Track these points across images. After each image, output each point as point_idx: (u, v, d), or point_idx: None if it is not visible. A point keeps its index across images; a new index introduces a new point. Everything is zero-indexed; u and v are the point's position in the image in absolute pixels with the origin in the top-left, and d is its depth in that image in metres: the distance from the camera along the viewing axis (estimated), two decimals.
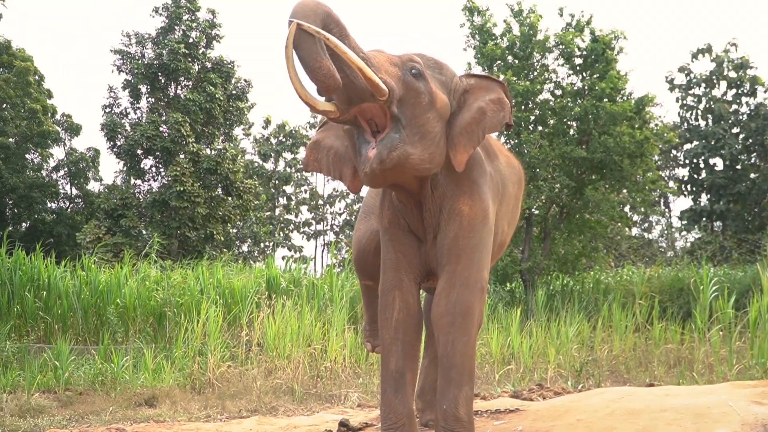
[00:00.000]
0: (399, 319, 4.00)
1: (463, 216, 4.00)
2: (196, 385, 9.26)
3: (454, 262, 4.01)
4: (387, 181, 3.78)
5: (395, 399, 3.99)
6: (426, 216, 4.03)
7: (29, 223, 30.06)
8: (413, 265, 4.05)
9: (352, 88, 3.54)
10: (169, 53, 26.41)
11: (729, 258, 26.55)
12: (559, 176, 18.99)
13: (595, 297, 17.58)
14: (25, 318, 12.11)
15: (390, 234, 4.09)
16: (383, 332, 4.06)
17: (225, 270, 14.94)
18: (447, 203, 4.01)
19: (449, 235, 4.01)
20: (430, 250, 4.07)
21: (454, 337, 3.96)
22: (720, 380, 8.13)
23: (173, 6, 27.04)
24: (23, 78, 29.77)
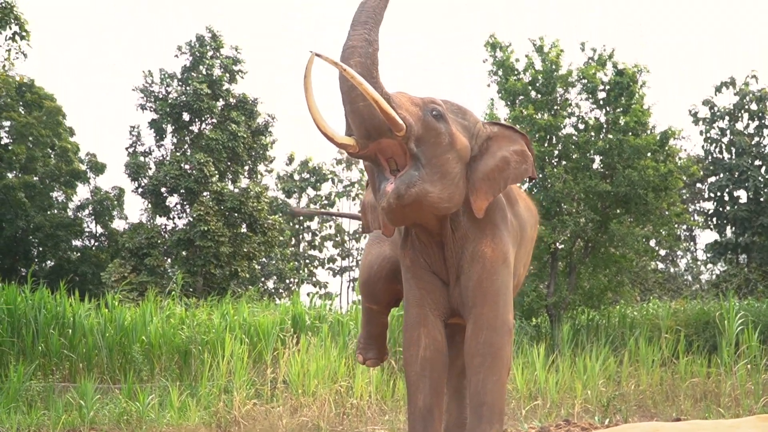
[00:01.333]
0: (426, 357, 4.00)
1: (486, 259, 4.03)
2: (222, 423, 9.26)
3: (480, 304, 4.03)
4: (406, 218, 3.79)
5: None
6: (448, 256, 4.06)
7: (54, 262, 30.24)
8: (438, 302, 4.06)
9: (371, 122, 3.58)
10: (192, 93, 26.52)
11: (754, 290, 26.40)
12: (584, 210, 18.93)
13: (621, 331, 17.49)
14: (49, 357, 12.13)
15: (412, 272, 4.10)
16: (409, 368, 4.04)
17: (250, 307, 14.96)
18: (469, 245, 4.03)
19: (473, 278, 4.03)
20: (453, 290, 4.07)
21: (484, 377, 3.99)
22: (746, 413, 8.09)
23: (197, 44, 27.29)
24: (53, 118, 30.04)
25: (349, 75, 3.51)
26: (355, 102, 3.58)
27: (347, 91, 3.60)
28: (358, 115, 3.59)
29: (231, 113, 27.26)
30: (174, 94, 27.14)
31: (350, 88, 3.57)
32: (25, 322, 12.27)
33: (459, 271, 4.01)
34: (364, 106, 3.56)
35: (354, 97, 3.57)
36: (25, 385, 10.51)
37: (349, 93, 3.59)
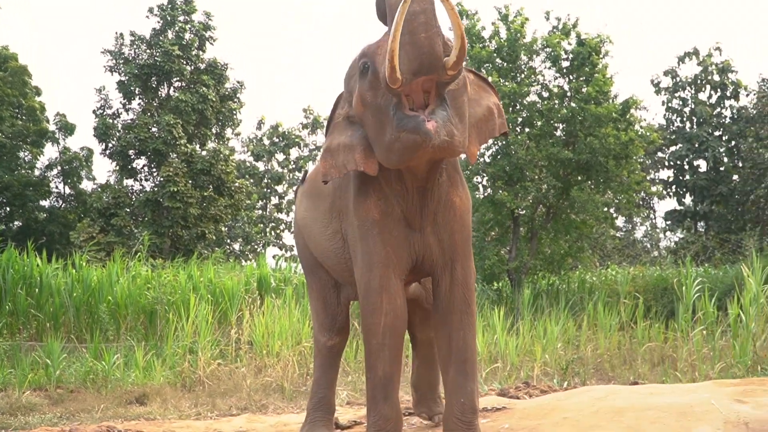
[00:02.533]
0: (387, 324, 3.92)
1: (456, 208, 3.97)
2: (187, 383, 9.23)
3: (455, 260, 3.99)
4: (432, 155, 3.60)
5: (385, 405, 3.95)
6: (428, 202, 3.92)
7: (22, 222, 29.97)
8: (401, 259, 3.95)
9: (430, 56, 3.37)
10: (163, 54, 26.36)
11: (711, 258, 26.65)
12: (546, 177, 19.03)
13: (581, 296, 17.61)
14: (17, 315, 12.05)
15: (380, 227, 3.91)
16: (371, 337, 3.96)
17: (216, 268, 14.91)
18: (443, 193, 3.94)
19: (448, 228, 3.97)
20: (425, 237, 3.96)
21: (464, 334, 3.99)
22: (702, 378, 8.14)
23: (168, 7, 27.06)
24: (19, 77, 29.79)
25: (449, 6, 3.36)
26: (416, 32, 3.32)
27: (412, 17, 3.31)
28: (418, 46, 3.33)
29: (201, 77, 27.12)
30: (144, 57, 26.86)
31: (415, 15, 3.30)
32: None
33: (433, 219, 3.92)
34: (426, 37, 3.33)
35: (416, 26, 3.32)
36: None
37: (414, 20, 3.31)
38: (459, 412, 3.89)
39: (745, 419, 4.13)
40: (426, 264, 4.00)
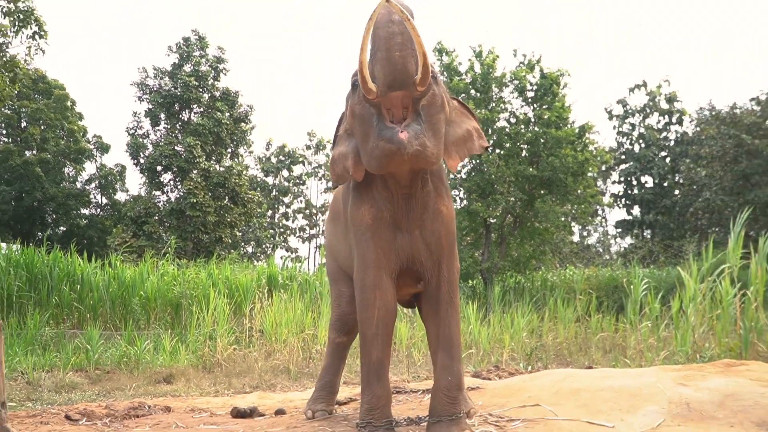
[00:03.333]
0: (379, 317, 3.93)
1: (442, 216, 3.96)
2: (207, 365, 9.23)
3: (442, 261, 3.98)
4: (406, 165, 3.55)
5: (377, 386, 3.96)
6: (413, 207, 3.89)
7: (65, 227, 29.97)
8: (391, 262, 3.94)
9: (402, 72, 3.39)
10: (182, 86, 26.58)
11: (656, 261, 26.74)
12: (514, 191, 19.10)
13: (543, 293, 17.63)
14: (61, 308, 12.04)
15: (372, 231, 3.88)
16: (365, 328, 3.96)
17: (232, 267, 14.93)
18: (431, 202, 3.93)
19: (436, 234, 3.94)
20: (412, 241, 3.93)
21: (449, 323, 3.98)
22: (649, 364, 8.15)
23: (184, 45, 27.26)
24: (61, 103, 29.86)
25: (411, 26, 3.35)
26: (391, 50, 3.34)
27: (387, 37, 3.35)
28: (392, 63, 3.35)
29: (216, 103, 27.25)
30: (166, 88, 27.00)
31: (390, 35, 3.34)
32: (41, 279, 12.19)
33: (421, 224, 3.92)
34: (399, 56, 3.35)
35: (392, 45, 3.34)
36: (41, 331, 10.44)
37: (388, 40, 3.34)
38: (446, 389, 3.91)
39: (686, 400, 4.14)
40: (416, 264, 3.97)
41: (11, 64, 9.04)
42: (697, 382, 4.50)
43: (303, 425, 4.55)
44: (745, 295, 7.78)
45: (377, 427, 3.89)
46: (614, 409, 4.14)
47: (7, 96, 9.03)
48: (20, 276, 12.05)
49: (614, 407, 4.16)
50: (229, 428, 4.59)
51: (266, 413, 5.18)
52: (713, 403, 4.07)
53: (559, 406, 4.28)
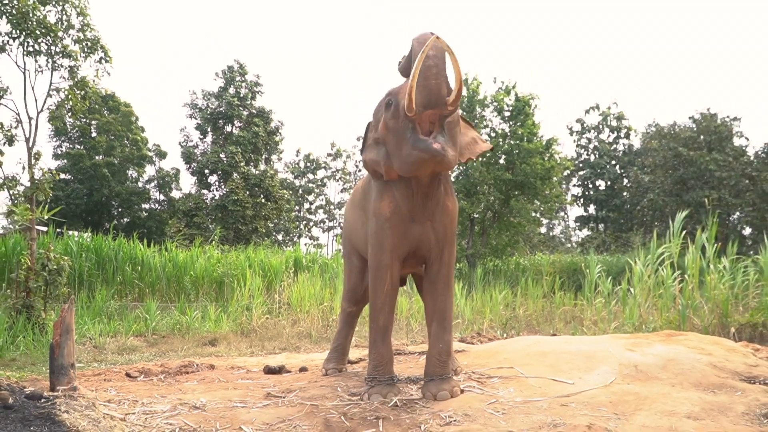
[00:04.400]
0: (388, 291, 3.93)
1: (449, 211, 3.98)
2: (245, 331, 9.20)
3: (444, 249, 4.00)
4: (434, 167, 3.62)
5: (382, 346, 3.95)
6: (429, 204, 3.89)
7: (129, 219, 30.02)
8: (403, 248, 3.93)
9: (437, 96, 3.44)
10: (226, 104, 26.74)
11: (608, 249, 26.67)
12: (493, 191, 19.05)
13: (516, 274, 17.60)
14: (124, 284, 12.02)
15: (390, 222, 3.88)
16: (375, 298, 3.95)
17: (265, 252, 14.90)
18: (441, 199, 3.93)
19: (442, 226, 3.96)
20: (424, 230, 3.94)
21: (445, 299, 3.99)
22: (602, 333, 8.12)
23: (228, 72, 27.35)
24: (127, 118, 30.04)
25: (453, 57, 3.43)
26: (429, 78, 3.39)
27: (427, 68, 3.40)
28: (429, 88, 3.39)
29: (253, 119, 27.37)
30: (212, 106, 27.13)
31: (429, 67, 3.39)
32: (107, 260, 12.16)
33: (432, 217, 3.91)
34: (435, 83, 3.40)
35: (429, 75, 3.39)
36: (107, 304, 10.39)
37: (428, 71, 3.40)
38: (437, 354, 3.89)
39: (634, 363, 4.12)
40: (423, 249, 3.99)
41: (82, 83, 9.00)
42: (643, 348, 4.47)
43: (321, 379, 4.53)
44: (684, 278, 7.76)
45: (381, 381, 3.87)
46: (574, 369, 4.12)
47: (79, 110, 8.98)
48: (90, 259, 12.04)
49: (574, 367, 4.14)
50: (262, 382, 4.57)
51: (292, 370, 5.16)
52: (657, 366, 4.05)
53: (529, 366, 4.26)
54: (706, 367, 4.01)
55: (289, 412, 3.53)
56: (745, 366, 4.11)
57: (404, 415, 3.43)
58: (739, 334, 6.33)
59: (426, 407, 3.55)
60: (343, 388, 4.14)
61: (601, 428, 3.03)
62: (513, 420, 3.25)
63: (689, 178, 22.90)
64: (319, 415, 3.47)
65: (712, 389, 3.70)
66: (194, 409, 3.61)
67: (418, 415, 3.41)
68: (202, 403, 3.73)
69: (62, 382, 3.54)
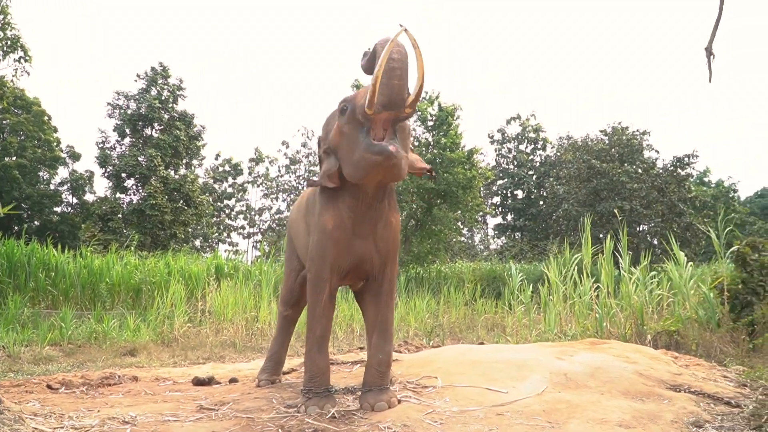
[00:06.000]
0: (325, 302, 3.87)
1: (392, 226, 3.93)
2: (165, 340, 8.92)
3: (388, 264, 3.96)
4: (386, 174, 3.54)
5: (319, 357, 3.89)
6: (372, 217, 3.84)
7: (40, 222, 28.77)
8: (344, 264, 3.87)
9: (398, 96, 3.37)
10: (147, 107, 26.08)
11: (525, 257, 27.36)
12: (416, 200, 19.25)
13: (438, 282, 17.80)
14: (37, 291, 11.50)
15: (333, 235, 3.80)
16: (314, 309, 3.89)
17: (185, 259, 14.55)
18: (384, 214, 3.88)
19: (385, 241, 3.91)
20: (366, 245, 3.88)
21: (387, 312, 3.97)
22: (524, 341, 8.27)
23: (150, 74, 26.56)
24: (38, 117, 28.82)
25: (419, 53, 3.33)
26: (392, 78, 3.31)
27: (391, 68, 3.31)
28: (391, 87, 3.31)
29: (175, 122, 26.80)
30: (133, 107, 26.35)
31: (393, 68, 3.31)
32: (19, 266, 11.62)
33: (375, 232, 3.86)
34: (397, 83, 3.33)
35: (393, 75, 3.31)
36: (19, 311, 9.87)
37: (392, 70, 3.31)
38: (377, 364, 3.86)
39: (564, 371, 4.21)
40: (365, 265, 3.93)
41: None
42: (570, 356, 4.58)
43: (255, 391, 4.43)
44: (598, 287, 7.99)
45: (318, 393, 3.81)
46: (506, 377, 4.18)
47: None
48: (1, 264, 11.46)
49: (506, 376, 4.20)
50: (192, 394, 4.44)
51: (222, 381, 5.03)
52: (586, 374, 4.15)
53: (462, 375, 4.29)
54: (632, 375, 4.15)
55: (224, 425, 3.44)
56: (670, 374, 4.27)
57: (343, 426, 3.40)
58: (655, 342, 6.58)
59: (364, 418, 3.53)
60: (279, 399, 4.06)
61: None
62: (451, 430, 3.27)
63: (602, 189, 23.77)
64: (256, 428, 3.39)
65: (641, 397, 3.82)
66: (124, 423, 3.46)
67: (357, 427, 3.38)
68: (131, 417, 3.58)
69: None
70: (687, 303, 7.29)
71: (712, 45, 4.01)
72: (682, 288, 7.48)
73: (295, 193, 40.05)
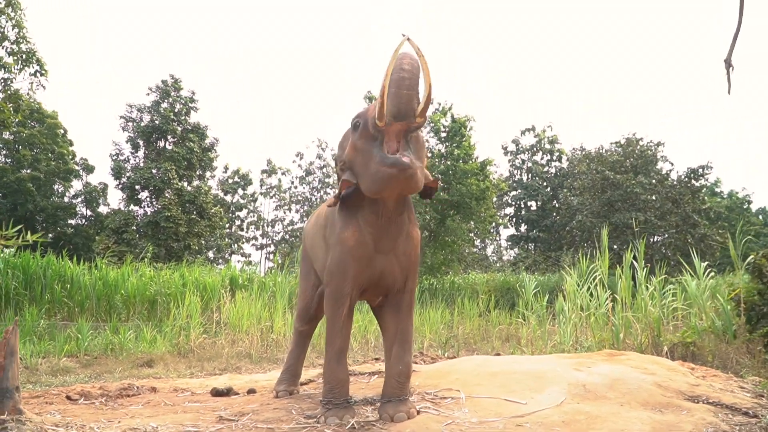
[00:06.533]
0: (345, 317, 3.89)
1: (413, 239, 3.94)
2: (182, 351, 8.98)
3: (408, 277, 3.97)
4: (402, 186, 3.52)
5: (338, 368, 3.91)
6: (392, 231, 3.85)
7: (54, 235, 29.00)
8: (365, 279, 3.89)
9: (407, 107, 3.37)
10: (161, 119, 26.20)
11: (539, 268, 27.28)
12: (429, 211, 19.26)
13: (452, 293, 17.79)
14: (53, 303, 11.60)
15: (354, 251, 3.82)
16: (333, 323, 3.89)
17: (200, 270, 14.64)
18: (405, 227, 3.90)
19: (406, 255, 3.92)
20: (387, 260, 3.89)
21: (406, 324, 3.98)
22: (539, 352, 8.24)
23: (162, 86, 26.82)
24: (52, 131, 29.13)
25: (424, 63, 3.35)
26: (401, 88, 3.32)
27: (399, 79, 3.33)
28: (400, 98, 3.32)
29: (188, 135, 26.92)
30: (146, 120, 26.55)
31: (401, 78, 3.32)
32: (35, 278, 11.72)
33: (395, 246, 3.86)
34: (407, 93, 3.33)
35: (401, 85, 3.32)
36: (36, 323, 9.97)
37: (401, 81, 3.33)
38: (397, 375, 3.88)
39: (582, 382, 4.21)
40: (387, 279, 3.95)
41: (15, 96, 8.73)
42: (588, 368, 4.58)
43: (273, 402, 4.46)
44: (615, 298, 7.98)
45: (337, 404, 3.84)
46: (525, 389, 4.19)
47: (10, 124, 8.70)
48: (17, 276, 11.57)
49: (525, 387, 4.21)
50: (211, 405, 4.48)
51: (240, 392, 5.07)
52: (604, 386, 4.15)
53: (481, 386, 4.30)
54: (651, 386, 4.15)
55: None
56: (688, 385, 4.27)
57: None
58: (672, 353, 6.56)
59: (384, 429, 3.55)
60: (298, 410, 4.09)
61: None
62: None
63: (616, 200, 23.71)
64: None
65: (659, 408, 3.82)
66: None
67: None
68: (153, 428, 3.62)
69: (7, 406, 3.42)
70: (703, 314, 7.27)
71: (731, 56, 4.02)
72: (698, 299, 7.46)
73: (308, 204, 40.15)
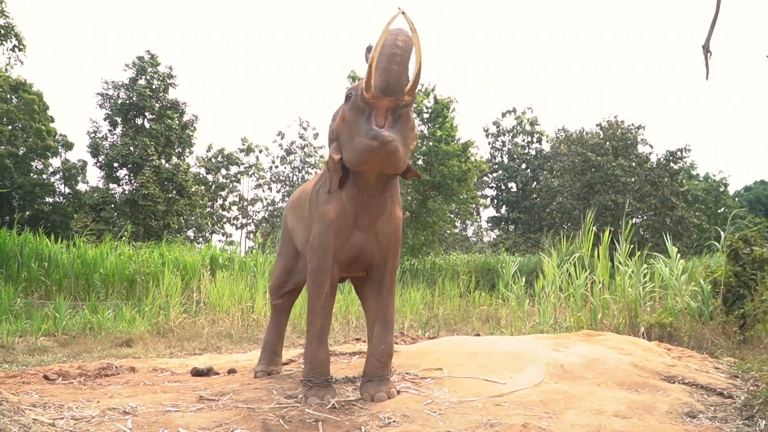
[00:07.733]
0: (327, 293, 3.89)
1: (394, 220, 3.94)
2: (161, 331, 8.95)
3: (389, 257, 3.98)
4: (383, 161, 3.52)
5: (319, 348, 3.92)
6: (373, 208, 3.84)
7: (31, 212, 28.68)
8: (345, 255, 3.90)
9: (396, 81, 3.36)
10: (138, 95, 25.85)
11: (518, 249, 27.46)
12: (411, 192, 19.28)
13: (433, 273, 17.87)
14: (30, 281, 11.49)
15: (335, 226, 3.81)
16: (315, 301, 3.90)
17: (180, 250, 14.56)
18: (387, 206, 3.89)
19: (387, 234, 3.92)
20: (367, 238, 3.89)
21: (387, 304, 3.98)
22: (519, 333, 8.31)
23: (139, 62, 26.40)
24: (30, 107, 28.64)
25: (417, 39, 3.34)
26: (392, 62, 3.31)
27: (391, 54, 3.32)
28: (390, 72, 3.31)
29: (167, 111, 26.62)
30: (123, 97, 26.20)
31: (393, 54, 3.31)
32: (12, 256, 11.59)
33: (375, 225, 3.86)
34: (397, 69, 3.32)
35: (392, 59, 3.31)
36: (12, 302, 9.86)
37: (392, 57, 3.31)
38: (378, 354, 3.90)
39: (560, 362, 4.27)
40: (366, 257, 3.95)
41: None
42: (566, 348, 4.64)
43: (254, 382, 4.47)
44: (593, 279, 8.04)
45: (318, 384, 3.86)
46: (504, 369, 4.23)
47: None
48: None
49: (504, 367, 4.25)
50: (191, 385, 4.47)
51: (220, 372, 5.07)
52: (582, 366, 4.21)
53: (461, 366, 4.34)
54: (628, 366, 4.21)
55: (225, 415, 3.48)
56: (664, 366, 4.34)
57: (343, 416, 3.44)
58: (648, 334, 6.65)
59: (364, 408, 3.58)
60: (278, 390, 4.10)
61: (535, 427, 3.14)
62: (450, 420, 3.32)
63: (596, 182, 23.88)
64: (257, 418, 3.43)
65: (636, 388, 3.89)
66: (125, 414, 3.50)
67: (357, 417, 3.43)
68: (132, 408, 3.62)
69: None
70: (678, 296, 7.37)
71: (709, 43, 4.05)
72: (672, 281, 7.57)
73: (289, 183, 39.99)
